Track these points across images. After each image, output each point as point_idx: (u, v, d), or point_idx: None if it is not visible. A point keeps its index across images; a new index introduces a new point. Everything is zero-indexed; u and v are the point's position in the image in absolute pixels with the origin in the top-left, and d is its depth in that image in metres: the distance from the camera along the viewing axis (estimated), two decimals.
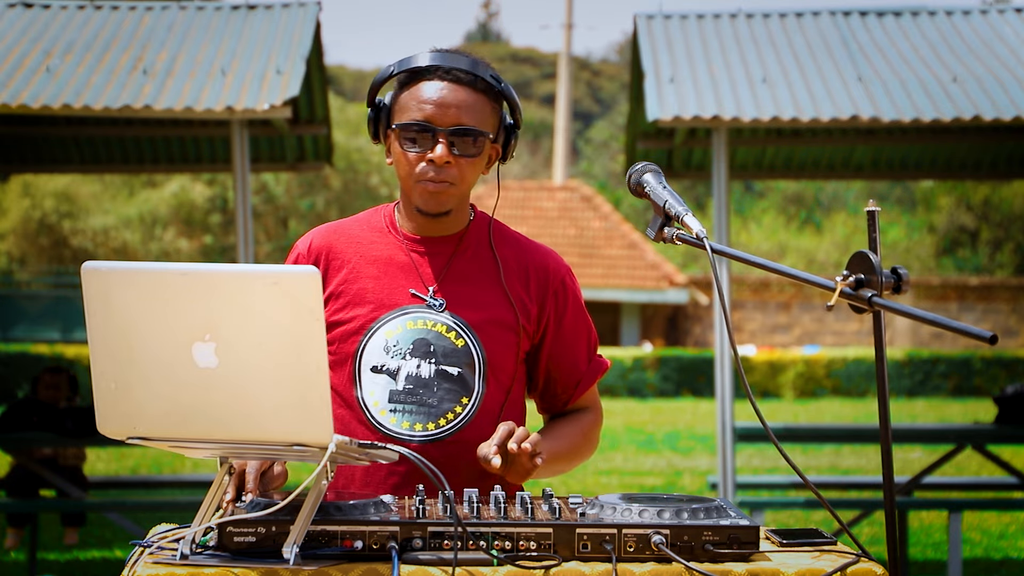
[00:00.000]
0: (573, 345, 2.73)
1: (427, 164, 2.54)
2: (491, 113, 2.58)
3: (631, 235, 29.09)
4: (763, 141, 9.08)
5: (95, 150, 9.59)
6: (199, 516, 2.19)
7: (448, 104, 2.53)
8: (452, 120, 2.53)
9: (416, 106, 2.55)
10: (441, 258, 2.64)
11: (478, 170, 2.59)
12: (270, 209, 31.10)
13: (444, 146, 2.53)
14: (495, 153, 2.65)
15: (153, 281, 2.09)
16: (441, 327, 2.59)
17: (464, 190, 2.59)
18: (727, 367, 7.25)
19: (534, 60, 55.72)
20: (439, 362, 2.58)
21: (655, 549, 2.15)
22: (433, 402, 2.57)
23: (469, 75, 2.55)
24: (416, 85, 2.57)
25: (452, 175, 2.55)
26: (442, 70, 2.55)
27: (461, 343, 2.59)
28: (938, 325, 2.06)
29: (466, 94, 2.54)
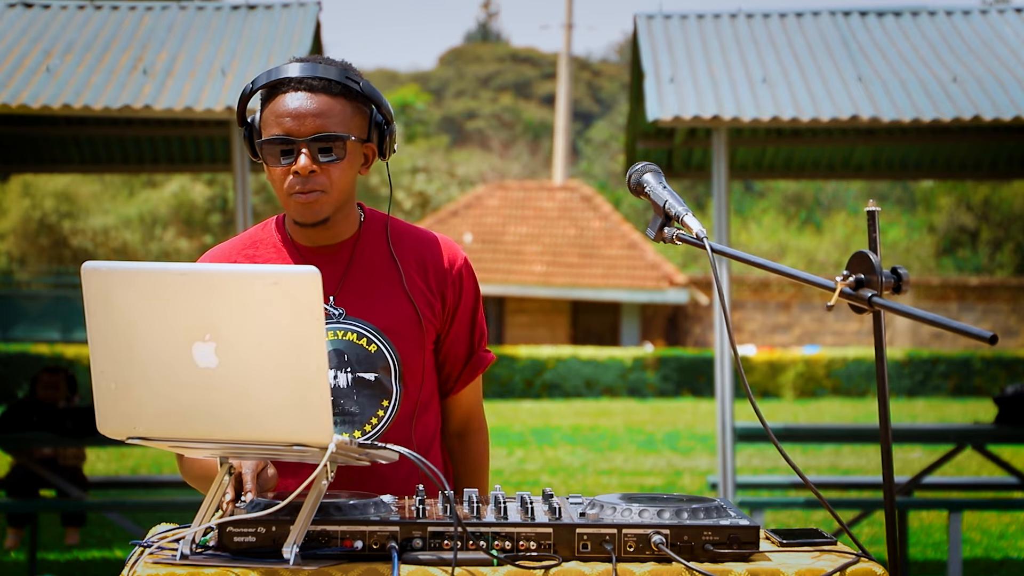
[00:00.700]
0: (460, 336, 2.75)
1: (294, 177, 2.54)
2: (353, 114, 2.57)
3: (631, 235, 29.09)
4: (763, 141, 9.08)
5: (95, 150, 9.59)
6: (199, 516, 2.19)
7: (305, 114, 2.52)
8: (311, 129, 2.52)
9: (275, 121, 2.55)
10: (338, 266, 2.64)
11: (350, 173, 2.58)
12: (270, 209, 31.07)
13: (307, 156, 2.52)
14: (371, 152, 2.65)
15: (153, 281, 2.09)
16: (352, 335, 2.61)
17: (338, 196, 2.58)
18: (727, 367, 7.25)
19: (534, 60, 55.71)
20: (355, 370, 2.60)
21: (655, 549, 2.15)
22: (355, 410, 2.60)
23: (323, 81, 2.54)
24: (274, 100, 2.56)
25: (321, 183, 2.54)
26: (295, 80, 2.54)
27: (374, 348, 2.62)
28: (938, 325, 2.06)
29: (323, 101, 2.54)
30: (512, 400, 22.74)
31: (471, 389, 2.80)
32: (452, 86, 53.22)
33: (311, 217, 2.57)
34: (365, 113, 2.60)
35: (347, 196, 2.60)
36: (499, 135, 48.85)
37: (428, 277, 2.68)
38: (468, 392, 2.80)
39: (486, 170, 41.71)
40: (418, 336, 2.65)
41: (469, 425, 2.83)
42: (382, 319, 2.62)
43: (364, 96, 2.59)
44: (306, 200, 2.54)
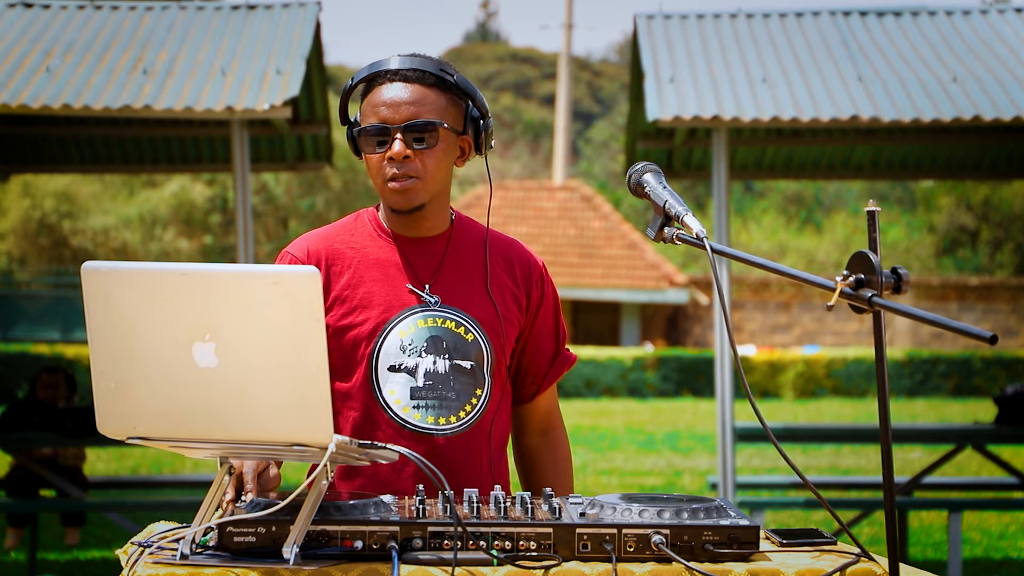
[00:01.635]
0: (546, 335, 2.82)
1: (389, 163, 2.62)
2: (447, 105, 2.65)
3: (631, 235, 29.09)
4: (763, 141, 9.08)
5: (95, 150, 9.59)
6: (199, 516, 2.19)
7: (399, 102, 2.61)
8: (405, 116, 2.61)
9: (372, 111, 2.64)
10: (434, 257, 2.71)
11: (444, 162, 2.66)
12: (270, 209, 31.11)
13: (400, 142, 2.60)
14: (467, 146, 2.72)
15: (153, 281, 2.09)
16: (450, 323, 2.67)
17: (431, 184, 2.65)
18: (727, 367, 7.25)
19: (534, 60, 55.70)
20: (452, 356, 2.66)
21: (655, 549, 2.15)
22: (452, 396, 2.66)
23: (417, 72, 2.63)
24: (372, 92, 2.65)
25: (414, 168, 2.62)
26: (391, 72, 2.63)
27: (471, 337, 2.68)
28: (938, 325, 2.06)
29: (417, 90, 2.62)
30: None
31: (553, 388, 2.89)
32: None
33: (405, 204, 2.65)
34: (460, 106, 2.68)
35: (441, 186, 2.68)
36: (499, 135, 48.82)
37: (515, 275, 2.77)
38: (552, 390, 2.88)
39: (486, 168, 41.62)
40: (504, 332, 2.72)
41: (551, 422, 2.90)
42: (476, 310, 2.70)
43: (459, 88, 2.67)
44: (401, 186, 2.62)
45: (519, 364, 2.81)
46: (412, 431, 2.62)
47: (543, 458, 2.87)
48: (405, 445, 2.50)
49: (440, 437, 2.62)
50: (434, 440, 2.61)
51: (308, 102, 8.40)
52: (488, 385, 2.70)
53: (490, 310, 2.71)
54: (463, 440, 2.64)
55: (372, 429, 2.62)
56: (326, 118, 8.70)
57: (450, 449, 2.62)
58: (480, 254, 2.74)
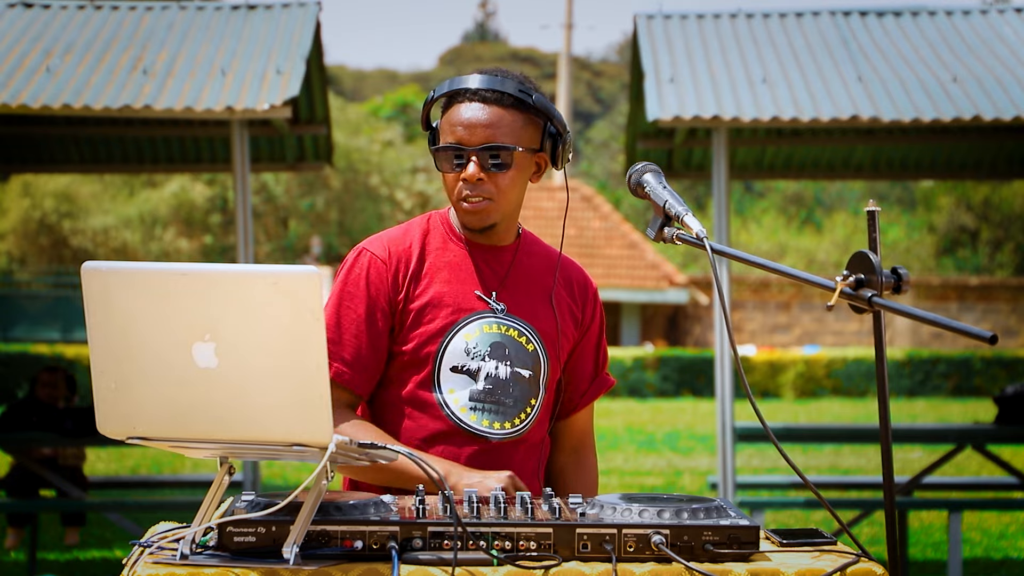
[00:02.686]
0: (588, 355, 2.89)
1: (463, 183, 2.67)
2: (524, 125, 2.69)
3: (631, 235, 29.09)
4: (763, 141, 9.08)
5: (95, 150, 9.59)
6: (199, 516, 2.19)
7: (476, 124, 2.65)
8: (481, 139, 2.65)
9: (450, 129, 2.69)
10: (501, 266, 2.78)
11: (518, 183, 2.71)
12: (270, 209, 31.11)
13: (475, 164, 2.65)
14: (543, 162, 2.76)
15: (153, 281, 2.09)
16: (514, 332, 2.74)
17: (505, 205, 2.71)
18: (727, 367, 7.25)
19: (534, 60, 55.70)
20: (513, 364, 2.72)
21: (655, 549, 2.15)
22: (509, 402, 2.72)
23: (496, 93, 2.66)
24: (451, 109, 2.70)
25: (488, 191, 2.67)
26: (470, 92, 2.68)
27: (531, 348, 2.75)
28: (938, 325, 2.06)
29: (494, 112, 2.66)
30: None
31: (589, 409, 2.93)
32: None
33: (478, 223, 2.71)
34: (538, 124, 2.72)
35: (514, 205, 2.75)
36: None
37: (574, 292, 2.85)
38: (588, 411, 2.92)
39: None
40: (559, 345, 2.78)
41: (584, 442, 2.93)
42: (538, 323, 2.77)
43: (536, 108, 2.69)
44: (474, 207, 2.68)
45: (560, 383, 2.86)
46: (469, 432, 2.68)
47: (570, 476, 2.89)
48: (460, 443, 2.66)
49: (494, 440, 2.68)
50: (489, 441, 2.68)
51: (308, 102, 8.40)
52: (542, 396, 2.76)
53: (550, 323, 2.77)
54: (514, 446, 2.70)
55: (429, 424, 2.68)
56: (326, 118, 8.70)
57: (502, 453, 2.68)
58: (542, 268, 2.82)
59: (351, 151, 30.42)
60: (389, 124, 35.48)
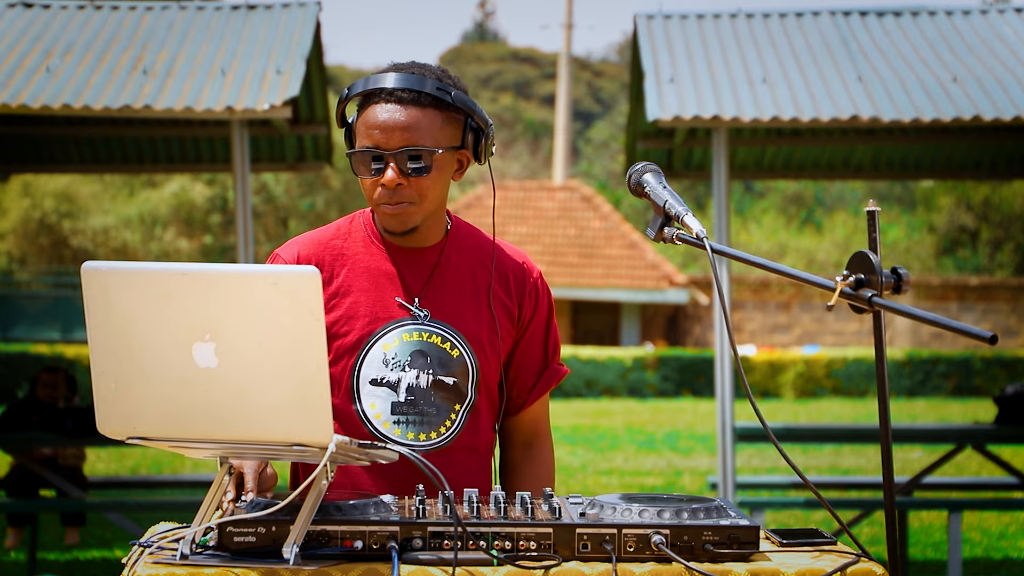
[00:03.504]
0: (535, 347, 2.77)
1: (382, 188, 2.57)
2: (444, 124, 2.58)
3: (631, 235, 29.09)
4: (763, 141, 9.08)
5: (95, 150, 9.59)
6: (199, 516, 2.19)
7: (393, 126, 2.54)
8: (398, 142, 2.54)
9: (365, 132, 2.57)
10: (424, 269, 2.67)
11: (440, 183, 2.60)
12: (270, 209, 31.11)
13: (393, 169, 2.55)
14: (466, 159, 2.66)
15: (153, 281, 2.09)
16: (436, 338, 2.64)
17: (428, 206, 2.60)
18: (727, 367, 7.25)
19: (534, 60, 55.71)
20: (436, 372, 2.63)
21: (655, 549, 2.15)
22: (432, 411, 2.63)
23: (413, 93, 2.55)
24: (366, 110, 2.58)
25: (408, 195, 2.57)
26: (385, 92, 2.56)
27: (456, 353, 2.65)
28: (938, 325, 2.06)
29: (411, 113, 2.55)
30: None
31: (542, 401, 2.82)
32: None
33: (399, 227, 2.61)
34: (458, 120, 2.61)
35: (437, 205, 2.63)
36: (499, 135, 48.78)
37: (509, 286, 2.72)
38: (539, 403, 2.81)
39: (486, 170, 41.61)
40: (496, 346, 2.68)
41: (537, 435, 2.83)
42: (464, 325, 2.66)
43: (455, 106, 2.59)
44: (394, 211, 2.58)
45: (505, 376, 2.76)
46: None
47: (523, 471, 2.80)
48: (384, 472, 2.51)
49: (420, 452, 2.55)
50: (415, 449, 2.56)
51: (308, 102, 8.40)
52: (471, 400, 2.66)
53: (480, 324, 2.67)
54: (443, 456, 2.59)
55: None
56: (326, 118, 8.70)
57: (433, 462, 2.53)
58: (473, 263, 2.70)
59: None
60: None
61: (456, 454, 2.63)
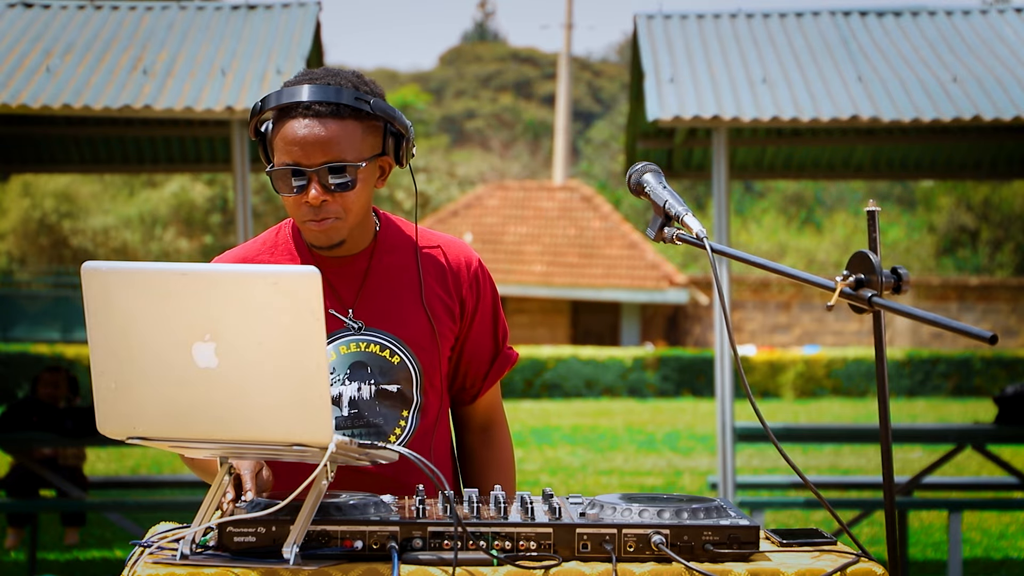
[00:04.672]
0: (484, 336, 2.73)
1: (306, 206, 2.50)
2: (365, 135, 2.51)
3: (631, 235, 29.09)
4: (763, 141, 9.08)
5: (95, 150, 9.59)
6: (199, 516, 2.19)
7: (313, 142, 2.46)
8: (320, 158, 2.46)
9: (284, 148, 2.48)
10: (355, 277, 2.61)
11: (364, 194, 2.53)
12: (270, 209, 31.10)
13: (317, 187, 2.47)
14: (387, 165, 2.60)
15: (153, 281, 2.09)
16: (374, 347, 2.59)
17: (353, 219, 2.54)
18: (727, 367, 7.25)
19: (534, 60, 55.69)
20: (378, 381, 2.59)
21: (655, 549, 2.15)
22: (379, 421, 2.59)
23: (330, 106, 2.46)
24: (283, 125, 2.49)
25: (334, 210, 2.50)
26: (303, 106, 2.46)
27: (396, 359, 2.60)
28: (938, 325, 2.06)
29: (331, 127, 2.46)
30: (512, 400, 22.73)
31: (493, 393, 2.79)
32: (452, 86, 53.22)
33: (326, 242, 2.55)
34: (378, 127, 2.54)
35: (363, 216, 2.57)
36: (499, 135, 48.85)
37: (446, 282, 2.66)
38: (493, 390, 2.78)
39: (486, 170, 41.70)
40: (436, 346, 2.63)
41: (492, 420, 2.81)
42: (403, 330, 2.61)
43: (375, 115, 2.52)
44: (320, 228, 2.51)
45: (456, 369, 2.72)
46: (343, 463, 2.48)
47: (483, 456, 2.77)
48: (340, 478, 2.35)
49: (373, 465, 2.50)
50: (365, 469, 2.52)
51: None
52: (418, 403, 2.62)
53: (418, 326, 2.61)
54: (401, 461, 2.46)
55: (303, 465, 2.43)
56: None
57: (384, 475, 2.53)
58: (407, 263, 2.64)
59: None
60: None
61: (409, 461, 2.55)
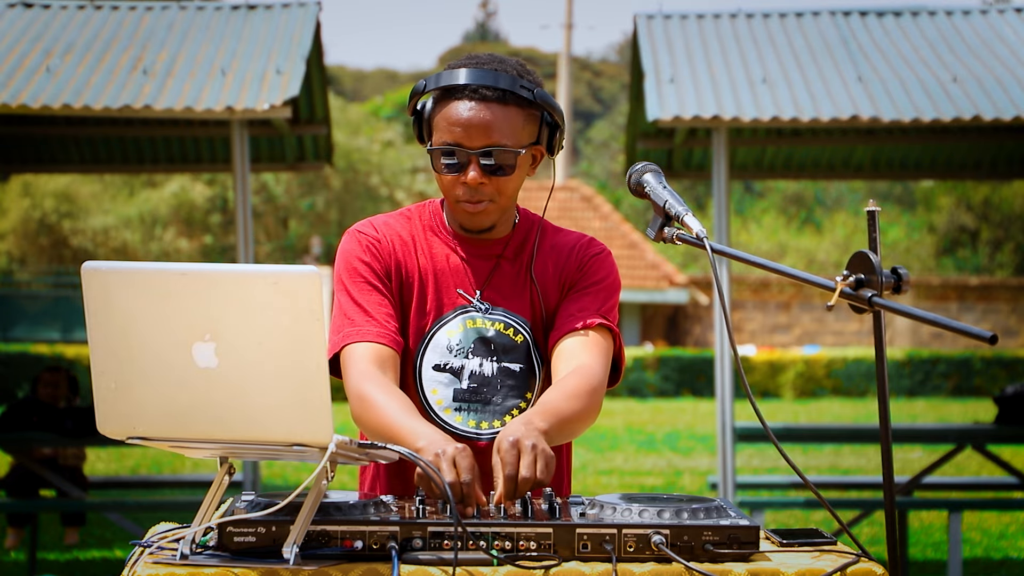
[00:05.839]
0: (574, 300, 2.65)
1: (463, 187, 2.56)
2: (525, 123, 2.57)
3: (631, 235, 29.09)
4: (763, 141, 9.08)
5: (95, 150, 9.59)
6: (199, 516, 2.19)
7: (477, 125, 2.52)
8: (482, 141, 2.52)
9: (447, 128, 2.54)
10: (488, 261, 2.66)
11: (518, 180, 2.60)
12: (270, 209, 31.11)
13: (476, 169, 2.54)
14: (539, 153, 2.65)
15: (153, 281, 2.09)
16: (499, 324, 2.63)
17: (505, 203, 2.61)
18: (727, 367, 7.25)
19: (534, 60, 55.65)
20: (500, 359, 2.62)
21: (655, 549, 2.15)
22: (497, 400, 2.61)
23: (497, 91, 2.53)
24: (448, 105, 2.55)
25: (489, 193, 2.57)
26: (470, 89, 2.53)
27: (520, 339, 2.64)
28: (938, 325, 2.06)
29: (496, 111, 2.53)
30: None
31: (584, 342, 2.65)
32: None
33: (477, 225, 2.61)
34: (537, 116, 2.60)
35: (513, 202, 2.64)
36: None
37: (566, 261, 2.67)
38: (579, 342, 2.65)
39: None
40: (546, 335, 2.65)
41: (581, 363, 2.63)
42: (527, 313, 2.65)
43: (537, 104, 2.58)
44: (474, 210, 2.57)
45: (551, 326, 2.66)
46: (452, 433, 2.52)
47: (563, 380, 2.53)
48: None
49: (481, 442, 2.56)
50: (475, 444, 2.55)
51: (308, 102, 8.40)
52: (538, 388, 2.64)
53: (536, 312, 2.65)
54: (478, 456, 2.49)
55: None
56: (326, 118, 8.70)
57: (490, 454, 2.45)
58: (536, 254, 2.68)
59: (351, 151, 30.43)
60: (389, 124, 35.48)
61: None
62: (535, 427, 2.33)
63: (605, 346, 2.61)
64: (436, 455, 2.24)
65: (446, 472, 2.20)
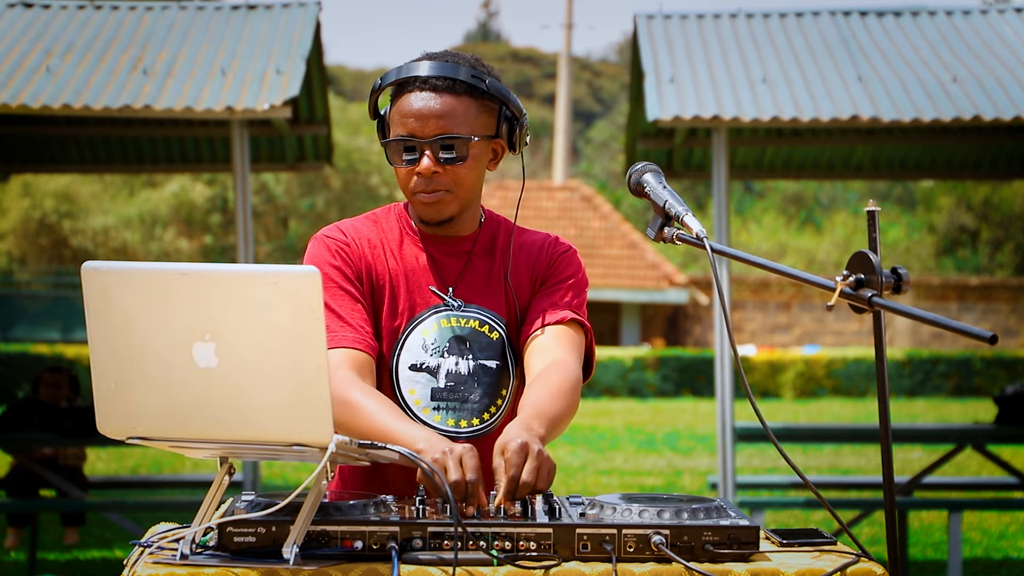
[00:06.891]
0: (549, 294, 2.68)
1: (418, 177, 2.57)
2: (479, 113, 2.58)
3: (631, 235, 29.09)
4: (763, 141, 9.08)
5: (95, 150, 9.59)
6: (199, 516, 2.19)
7: (428, 114, 2.54)
8: (433, 130, 2.54)
9: (400, 120, 2.57)
10: (459, 258, 2.67)
11: (475, 172, 2.60)
12: (270, 209, 31.12)
13: (429, 158, 2.55)
14: (500, 148, 2.66)
15: (153, 281, 2.09)
16: (474, 322, 2.64)
17: (463, 195, 2.61)
18: (727, 367, 7.25)
19: (534, 60, 55.72)
20: (476, 357, 2.63)
21: (655, 549, 2.15)
22: (474, 398, 2.62)
23: (447, 80, 2.55)
24: (400, 99, 2.58)
25: (444, 183, 2.57)
26: (420, 80, 2.55)
27: (496, 336, 2.65)
28: (938, 325, 2.06)
29: (447, 101, 2.55)
30: None
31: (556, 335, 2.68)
32: None
33: (435, 216, 2.61)
34: (493, 109, 2.61)
35: (473, 195, 2.64)
36: None
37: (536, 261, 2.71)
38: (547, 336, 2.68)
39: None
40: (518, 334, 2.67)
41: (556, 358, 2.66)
42: (500, 310, 2.66)
43: (491, 93, 2.59)
44: (430, 200, 2.58)
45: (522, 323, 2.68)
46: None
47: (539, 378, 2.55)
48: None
49: (460, 439, 2.55)
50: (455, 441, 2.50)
51: (308, 102, 8.40)
52: (513, 384, 2.66)
53: (511, 310, 2.67)
54: (485, 443, 2.51)
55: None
56: (326, 118, 8.70)
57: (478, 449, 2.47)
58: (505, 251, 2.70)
59: (351, 151, 30.44)
60: None
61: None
62: (536, 433, 2.36)
63: (578, 341, 2.66)
64: (443, 452, 2.25)
65: (452, 471, 2.22)
